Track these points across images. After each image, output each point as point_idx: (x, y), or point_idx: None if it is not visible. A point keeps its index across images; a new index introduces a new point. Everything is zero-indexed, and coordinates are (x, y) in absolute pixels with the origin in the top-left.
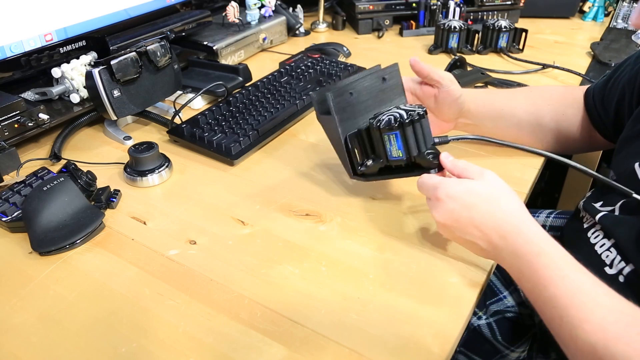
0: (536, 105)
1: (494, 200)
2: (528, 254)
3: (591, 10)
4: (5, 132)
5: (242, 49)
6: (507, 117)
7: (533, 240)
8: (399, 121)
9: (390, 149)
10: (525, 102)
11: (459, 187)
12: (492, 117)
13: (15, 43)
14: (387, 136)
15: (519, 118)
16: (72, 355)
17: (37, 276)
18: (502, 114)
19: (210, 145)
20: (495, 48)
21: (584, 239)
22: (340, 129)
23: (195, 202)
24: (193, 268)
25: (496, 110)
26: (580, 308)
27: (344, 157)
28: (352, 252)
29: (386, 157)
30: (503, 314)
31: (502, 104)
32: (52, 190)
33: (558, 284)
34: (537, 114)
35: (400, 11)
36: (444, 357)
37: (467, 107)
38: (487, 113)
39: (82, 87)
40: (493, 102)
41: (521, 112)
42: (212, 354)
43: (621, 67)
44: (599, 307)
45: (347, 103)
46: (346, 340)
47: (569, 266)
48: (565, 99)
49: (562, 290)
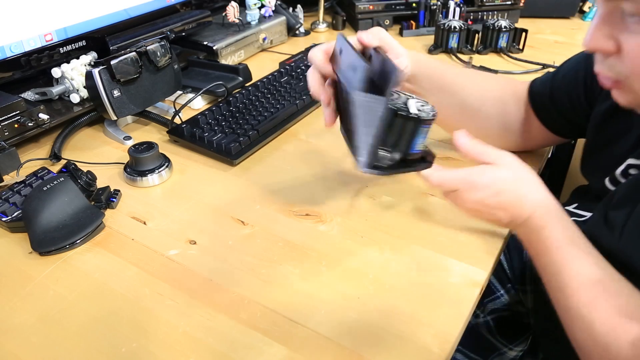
0: (481, 89)
1: (518, 184)
2: (536, 227)
3: (591, 10)
4: (5, 132)
5: (242, 49)
6: (452, 94)
7: (543, 216)
8: (434, 113)
9: (417, 142)
10: (472, 84)
11: (485, 177)
12: (437, 89)
13: (15, 43)
14: (423, 128)
15: (463, 99)
16: (72, 355)
17: (37, 276)
18: (447, 89)
19: (210, 145)
20: (495, 48)
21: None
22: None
23: (195, 202)
24: (193, 268)
25: (444, 84)
26: (565, 274)
27: (374, 143)
28: (352, 252)
29: (407, 149)
30: (500, 312)
31: (450, 79)
32: (52, 190)
33: (552, 253)
34: (480, 99)
35: (400, 11)
36: (444, 357)
37: (414, 71)
38: (432, 84)
39: (82, 87)
40: (442, 75)
41: (466, 93)
42: (212, 354)
43: (568, 63)
44: (578, 275)
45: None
46: (346, 340)
47: (565, 239)
48: (508, 89)
49: (554, 258)
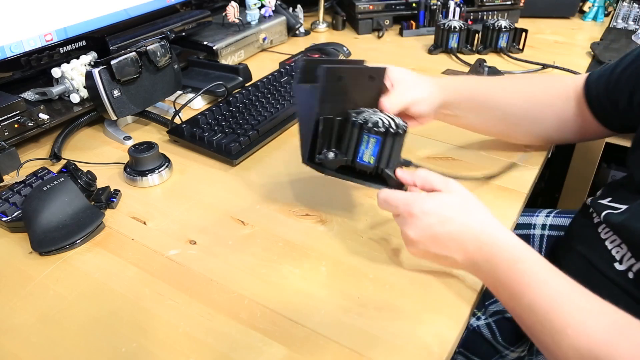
0: (523, 96)
1: (467, 211)
2: (505, 261)
3: (591, 10)
4: (5, 132)
5: (242, 49)
6: (492, 109)
7: (509, 248)
8: (386, 128)
9: (364, 151)
10: (512, 93)
11: (432, 202)
12: (474, 108)
13: (15, 43)
14: (367, 137)
15: (505, 111)
16: (72, 355)
17: (37, 276)
18: (485, 106)
19: (210, 145)
20: (495, 48)
21: (595, 234)
22: (318, 109)
23: (195, 202)
24: (193, 268)
25: (479, 101)
26: (560, 312)
27: (308, 138)
28: (352, 252)
29: (354, 157)
30: (502, 314)
31: (484, 95)
32: (52, 190)
33: (536, 290)
34: (524, 106)
35: (400, 11)
36: (444, 357)
37: (445, 99)
38: (468, 104)
39: (82, 87)
40: (475, 92)
41: (506, 103)
42: (212, 354)
43: (627, 57)
44: (579, 311)
45: (334, 86)
46: (346, 340)
47: (546, 272)
48: (553, 90)
49: (541, 296)
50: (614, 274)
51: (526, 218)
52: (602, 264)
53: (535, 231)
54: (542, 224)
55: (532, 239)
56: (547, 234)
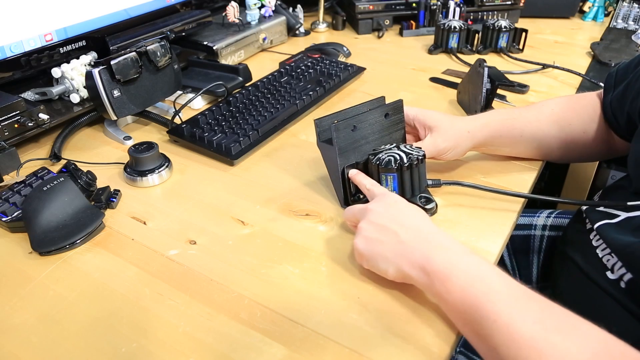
0: (557, 126)
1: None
2: (465, 278)
3: (591, 10)
4: (5, 132)
5: (242, 49)
6: (527, 142)
7: (470, 265)
8: (399, 164)
9: (387, 187)
10: (545, 123)
11: (380, 202)
12: (509, 144)
13: (15, 43)
14: (384, 176)
15: (540, 141)
16: (72, 355)
17: (37, 276)
18: (521, 139)
19: (210, 145)
20: (495, 48)
21: (586, 241)
22: (339, 161)
23: (195, 202)
24: (193, 268)
25: (513, 136)
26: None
27: (339, 187)
28: (352, 252)
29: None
30: None
31: (521, 129)
32: (52, 190)
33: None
34: (558, 136)
35: (400, 11)
36: (444, 357)
37: (478, 142)
38: (502, 141)
39: (82, 87)
40: (510, 128)
41: (542, 135)
42: (212, 354)
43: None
44: None
45: (349, 136)
46: (346, 340)
47: (518, 290)
48: (586, 115)
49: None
50: (607, 284)
51: (527, 219)
52: (595, 274)
53: (536, 232)
54: (542, 224)
55: (532, 239)
56: (547, 234)
